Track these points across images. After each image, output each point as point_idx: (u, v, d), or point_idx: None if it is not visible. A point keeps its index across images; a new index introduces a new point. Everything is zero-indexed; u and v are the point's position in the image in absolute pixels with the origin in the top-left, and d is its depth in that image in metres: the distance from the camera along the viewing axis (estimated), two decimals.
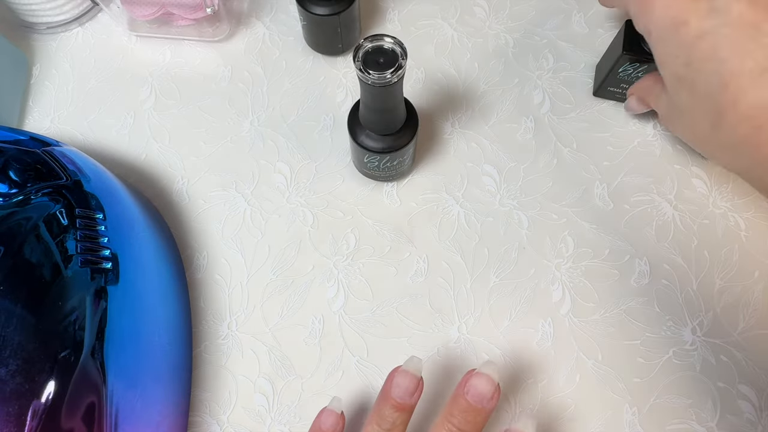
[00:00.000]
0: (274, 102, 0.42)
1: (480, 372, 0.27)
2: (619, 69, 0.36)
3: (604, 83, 0.38)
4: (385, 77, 0.27)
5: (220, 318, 0.36)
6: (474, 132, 0.41)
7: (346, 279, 0.37)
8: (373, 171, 0.37)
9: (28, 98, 0.43)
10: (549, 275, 0.37)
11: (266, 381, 0.35)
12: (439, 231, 0.38)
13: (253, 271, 0.38)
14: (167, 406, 0.31)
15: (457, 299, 0.37)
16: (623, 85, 0.38)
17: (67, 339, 0.26)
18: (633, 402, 0.34)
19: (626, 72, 0.36)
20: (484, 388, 0.27)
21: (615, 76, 0.37)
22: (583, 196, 0.39)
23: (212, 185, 0.40)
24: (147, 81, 0.43)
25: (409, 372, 0.28)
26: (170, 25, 0.44)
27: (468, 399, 0.27)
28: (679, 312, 0.36)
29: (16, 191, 0.29)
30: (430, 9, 0.45)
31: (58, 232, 0.28)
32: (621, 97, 0.40)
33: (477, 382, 0.27)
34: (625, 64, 0.36)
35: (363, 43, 0.28)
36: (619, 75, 0.37)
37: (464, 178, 0.40)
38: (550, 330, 0.36)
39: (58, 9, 0.43)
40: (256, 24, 0.45)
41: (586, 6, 0.45)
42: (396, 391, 0.27)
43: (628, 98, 0.37)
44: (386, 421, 0.27)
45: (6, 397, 0.24)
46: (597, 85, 0.40)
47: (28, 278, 0.26)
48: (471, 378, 0.27)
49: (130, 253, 0.31)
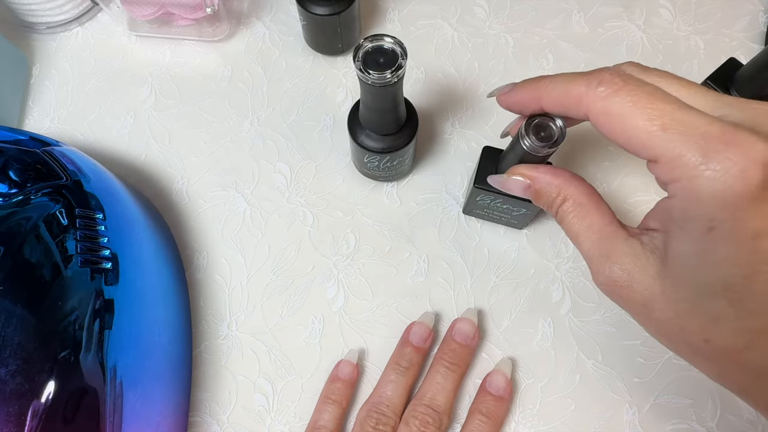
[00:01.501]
0: (274, 102, 0.42)
1: (462, 317, 0.35)
2: (477, 198, 0.34)
3: (468, 205, 0.36)
4: (385, 77, 0.27)
5: (220, 318, 0.36)
6: (474, 132, 0.41)
7: (346, 279, 0.37)
8: (373, 171, 0.37)
9: (28, 98, 0.43)
10: (549, 275, 0.37)
11: (266, 381, 0.35)
12: (439, 231, 0.38)
13: (253, 271, 0.38)
14: (167, 406, 0.31)
15: (457, 299, 0.37)
16: (486, 210, 0.35)
17: (67, 339, 0.26)
18: (633, 402, 0.34)
19: (484, 201, 0.34)
20: (467, 328, 0.34)
21: (474, 202, 0.35)
22: None
23: (212, 185, 0.40)
24: (147, 81, 0.43)
25: (424, 323, 0.35)
26: (170, 25, 0.44)
27: (456, 339, 0.34)
28: None
29: (16, 191, 0.29)
30: (430, 9, 0.45)
31: (58, 232, 0.28)
32: (489, 218, 0.37)
33: (461, 325, 0.34)
34: (480, 194, 0.33)
35: (363, 43, 0.28)
36: (478, 202, 0.35)
37: (464, 178, 0.40)
38: (550, 330, 0.36)
39: (58, 9, 0.43)
40: (256, 24, 0.45)
41: (586, 6, 0.45)
42: (414, 337, 0.34)
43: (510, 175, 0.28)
44: (405, 359, 0.33)
45: (6, 397, 0.24)
46: (463, 206, 0.38)
47: (28, 278, 0.26)
48: (456, 323, 0.34)
49: (130, 253, 0.31)
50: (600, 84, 0.22)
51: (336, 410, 0.33)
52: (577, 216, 0.26)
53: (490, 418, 0.32)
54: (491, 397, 0.33)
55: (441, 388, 0.32)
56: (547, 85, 0.25)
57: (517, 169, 0.28)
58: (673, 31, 0.44)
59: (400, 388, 0.33)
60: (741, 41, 0.43)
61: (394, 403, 0.32)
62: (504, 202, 0.33)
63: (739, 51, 0.43)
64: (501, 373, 0.33)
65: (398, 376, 0.33)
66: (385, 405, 0.32)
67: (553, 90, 0.25)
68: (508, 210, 0.35)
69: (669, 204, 0.22)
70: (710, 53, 0.43)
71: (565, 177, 0.27)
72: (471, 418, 0.32)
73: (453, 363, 0.33)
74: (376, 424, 0.31)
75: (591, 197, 0.26)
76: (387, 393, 0.32)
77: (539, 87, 0.25)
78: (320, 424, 0.32)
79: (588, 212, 0.25)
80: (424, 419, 0.31)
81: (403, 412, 0.32)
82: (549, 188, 0.27)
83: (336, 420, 0.32)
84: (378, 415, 0.32)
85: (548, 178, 0.27)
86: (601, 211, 0.25)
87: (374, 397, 0.33)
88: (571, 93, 0.24)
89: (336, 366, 0.34)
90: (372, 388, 0.34)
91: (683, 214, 0.21)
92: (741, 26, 0.44)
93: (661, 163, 0.21)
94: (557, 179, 0.27)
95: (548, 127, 0.26)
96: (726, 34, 0.44)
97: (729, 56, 0.36)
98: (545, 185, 0.27)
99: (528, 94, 0.26)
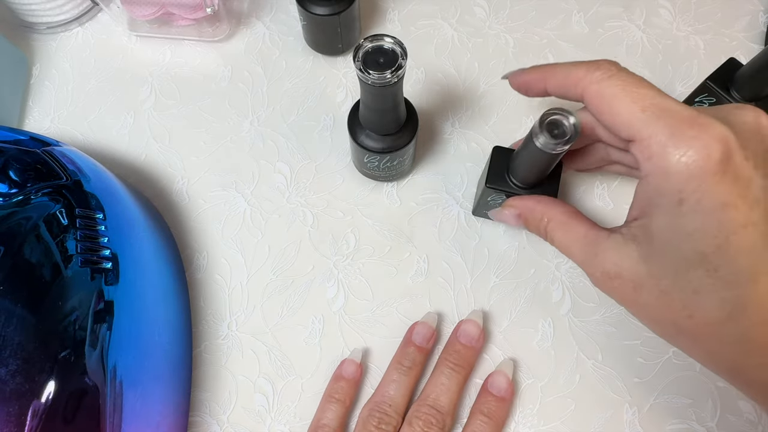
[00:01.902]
0: (274, 102, 0.42)
1: (467, 318, 0.35)
2: (488, 198, 0.34)
3: (479, 207, 0.36)
4: (385, 77, 0.27)
5: (220, 318, 0.36)
6: (474, 132, 0.41)
7: (346, 279, 0.37)
8: (373, 171, 0.37)
9: (28, 98, 0.43)
10: (549, 275, 0.37)
11: (266, 381, 0.35)
12: (439, 231, 0.38)
13: (253, 271, 0.38)
14: (167, 406, 0.31)
15: (457, 299, 0.37)
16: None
17: (67, 339, 0.26)
18: (633, 402, 0.34)
19: (495, 201, 0.34)
20: (472, 330, 0.34)
21: (486, 203, 0.35)
22: (582, 197, 0.39)
23: (212, 185, 0.40)
24: (147, 81, 0.43)
25: (427, 323, 0.35)
26: (170, 25, 0.44)
27: (461, 341, 0.34)
28: None
29: (16, 191, 0.29)
30: (430, 9, 0.45)
31: (58, 232, 0.28)
32: None
33: (467, 327, 0.34)
34: (492, 194, 0.33)
35: (363, 43, 0.28)
36: (489, 203, 0.35)
37: (464, 178, 0.40)
38: (550, 330, 0.36)
39: (58, 9, 0.43)
40: (256, 24, 0.45)
41: (586, 6, 0.45)
42: (417, 337, 0.34)
43: (503, 208, 0.32)
44: (408, 359, 0.33)
45: (6, 397, 0.24)
46: (474, 206, 0.38)
47: (28, 278, 0.26)
48: (461, 325, 0.34)
49: (130, 253, 0.31)
50: (597, 69, 0.26)
51: (339, 409, 0.33)
52: (562, 231, 0.29)
53: (492, 419, 0.32)
54: (493, 397, 0.33)
55: (445, 389, 0.32)
56: (552, 68, 0.28)
57: (508, 201, 0.32)
58: (673, 31, 0.44)
59: (403, 387, 0.33)
60: (741, 41, 0.43)
61: (397, 403, 0.32)
62: None
63: (739, 51, 0.43)
64: (503, 373, 0.33)
65: (401, 375, 0.33)
66: (387, 404, 0.32)
67: (557, 73, 0.28)
68: None
69: (644, 185, 0.25)
70: (710, 53, 0.43)
71: (546, 201, 0.30)
72: (473, 419, 0.32)
73: (457, 364, 0.33)
74: (378, 424, 0.31)
75: (571, 214, 0.29)
76: (390, 392, 0.32)
77: (545, 70, 0.29)
78: (323, 422, 0.32)
79: (571, 226, 0.28)
80: (427, 420, 0.31)
81: (405, 411, 0.33)
82: (534, 213, 0.30)
83: (339, 419, 0.32)
84: (381, 415, 0.32)
85: (532, 204, 0.30)
86: (582, 222, 0.28)
87: (377, 396, 0.33)
88: (572, 76, 0.27)
89: (340, 365, 0.34)
90: (373, 388, 0.34)
91: (656, 190, 0.24)
92: (741, 26, 0.44)
93: (637, 140, 0.24)
94: (540, 205, 0.30)
95: (561, 124, 0.26)
96: (726, 34, 0.44)
97: (729, 56, 0.36)
98: (530, 211, 0.30)
99: (536, 75, 0.29)
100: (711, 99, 0.36)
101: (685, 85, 0.42)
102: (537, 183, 0.32)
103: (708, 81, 0.36)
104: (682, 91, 0.42)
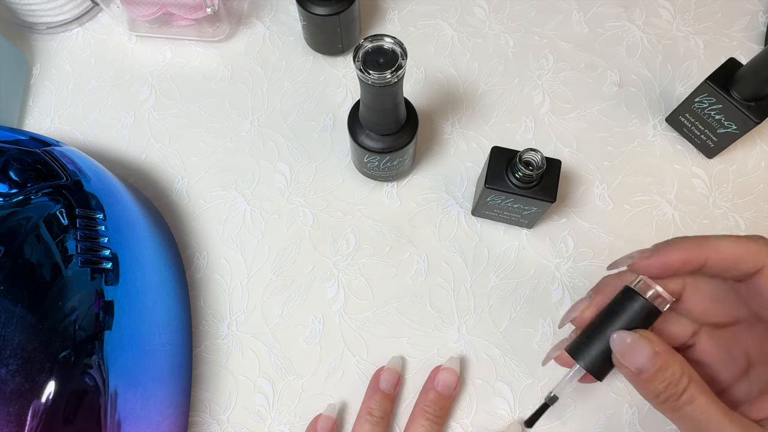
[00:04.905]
0: (274, 102, 0.42)
1: (445, 366, 0.34)
2: (487, 198, 0.34)
3: (478, 207, 0.36)
4: (385, 77, 0.27)
5: (220, 318, 0.36)
6: (474, 132, 0.41)
7: (346, 279, 0.37)
8: (373, 171, 0.37)
9: (28, 98, 0.43)
10: (549, 275, 0.37)
11: (266, 381, 0.35)
12: (439, 231, 0.38)
13: (253, 271, 0.38)
14: (167, 406, 0.31)
15: (457, 299, 0.37)
16: (497, 210, 0.36)
17: (67, 339, 0.26)
18: (633, 402, 0.34)
19: (495, 201, 0.34)
20: (451, 378, 0.33)
21: (485, 203, 0.35)
22: (582, 197, 0.39)
23: (212, 185, 0.40)
24: (147, 81, 0.43)
25: (393, 369, 0.34)
26: (170, 25, 0.44)
27: (438, 389, 0.33)
28: None
29: (16, 191, 0.29)
30: (430, 9, 0.45)
31: (58, 232, 0.28)
32: (498, 219, 0.37)
33: (445, 375, 0.33)
34: (491, 194, 0.34)
35: (363, 43, 0.28)
36: (489, 203, 0.35)
37: (464, 178, 0.40)
38: (550, 330, 0.36)
39: (58, 9, 0.43)
40: (256, 24, 0.45)
41: (586, 6, 0.45)
42: (384, 384, 0.33)
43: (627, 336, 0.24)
44: (379, 408, 0.33)
45: (6, 397, 0.24)
46: (473, 206, 0.38)
47: (28, 278, 0.26)
48: (438, 373, 0.34)
49: (130, 253, 0.31)
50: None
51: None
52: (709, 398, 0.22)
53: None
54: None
55: None
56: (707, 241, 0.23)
57: (645, 332, 0.23)
58: (673, 32, 0.44)
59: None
60: (741, 41, 0.43)
61: None
62: (515, 201, 0.33)
63: (739, 51, 0.43)
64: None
65: (372, 426, 0.32)
66: None
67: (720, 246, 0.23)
68: (519, 209, 0.35)
69: None
70: (710, 53, 0.43)
71: (680, 356, 0.23)
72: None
73: (435, 415, 0.32)
74: None
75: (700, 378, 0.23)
76: None
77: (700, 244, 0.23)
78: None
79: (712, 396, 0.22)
80: None
81: None
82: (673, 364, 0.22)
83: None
84: None
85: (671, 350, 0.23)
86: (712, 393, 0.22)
87: None
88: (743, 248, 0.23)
89: (314, 420, 0.33)
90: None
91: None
92: (741, 26, 0.44)
93: None
94: (678, 356, 0.23)
95: None
96: (726, 34, 0.44)
97: (729, 56, 0.36)
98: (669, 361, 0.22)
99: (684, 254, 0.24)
100: (711, 99, 0.36)
101: (685, 85, 0.42)
102: None
103: (708, 81, 0.36)
104: (682, 91, 0.42)
